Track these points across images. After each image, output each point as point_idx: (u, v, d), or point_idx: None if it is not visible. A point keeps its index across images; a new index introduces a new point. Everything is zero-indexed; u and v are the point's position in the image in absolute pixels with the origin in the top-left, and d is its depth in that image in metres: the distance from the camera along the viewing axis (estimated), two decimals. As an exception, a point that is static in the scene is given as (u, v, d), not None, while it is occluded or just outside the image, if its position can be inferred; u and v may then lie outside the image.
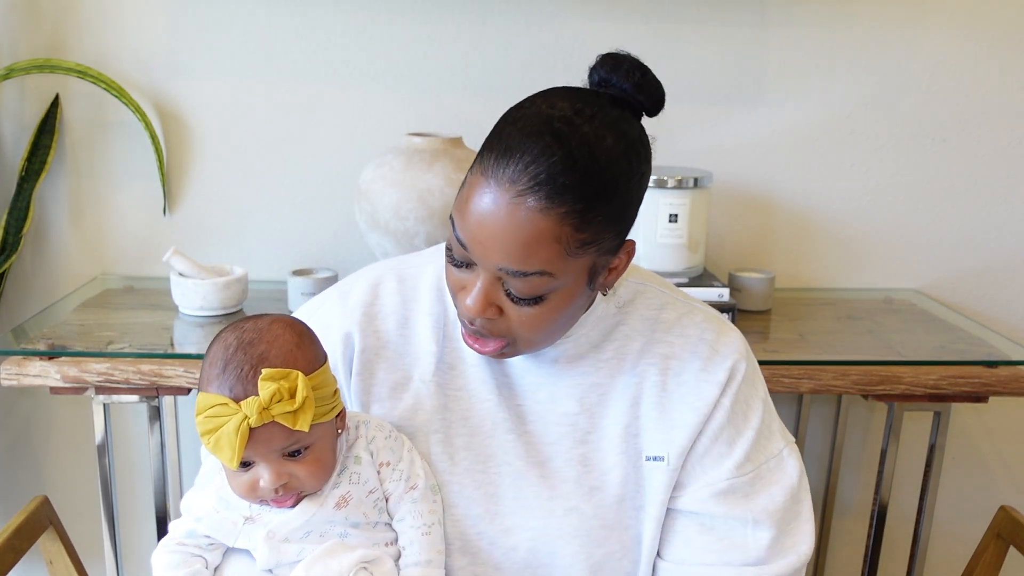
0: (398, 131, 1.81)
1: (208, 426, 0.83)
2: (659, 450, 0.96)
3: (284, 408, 0.83)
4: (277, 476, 0.86)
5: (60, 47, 1.79)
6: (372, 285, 1.03)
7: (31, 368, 1.44)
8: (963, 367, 1.55)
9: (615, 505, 0.96)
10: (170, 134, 1.84)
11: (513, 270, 0.84)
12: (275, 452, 0.86)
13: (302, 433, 0.85)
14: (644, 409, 0.97)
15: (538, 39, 1.82)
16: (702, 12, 1.82)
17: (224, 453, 0.83)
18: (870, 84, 1.87)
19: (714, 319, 1.02)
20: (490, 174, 0.83)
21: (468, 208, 0.84)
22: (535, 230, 0.81)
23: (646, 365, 0.98)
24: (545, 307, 0.87)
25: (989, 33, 1.86)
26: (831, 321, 1.76)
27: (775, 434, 1.00)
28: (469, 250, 0.86)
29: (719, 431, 0.97)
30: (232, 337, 0.88)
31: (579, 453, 0.97)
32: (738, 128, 1.88)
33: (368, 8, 1.79)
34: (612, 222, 0.85)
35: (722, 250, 1.94)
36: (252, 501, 0.89)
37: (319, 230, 1.89)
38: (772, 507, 0.97)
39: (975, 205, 1.95)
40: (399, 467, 0.94)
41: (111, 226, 1.88)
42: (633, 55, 0.90)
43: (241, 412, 0.83)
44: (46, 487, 1.99)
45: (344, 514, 0.90)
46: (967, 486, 2.09)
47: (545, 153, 0.81)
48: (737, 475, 0.97)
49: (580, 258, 0.85)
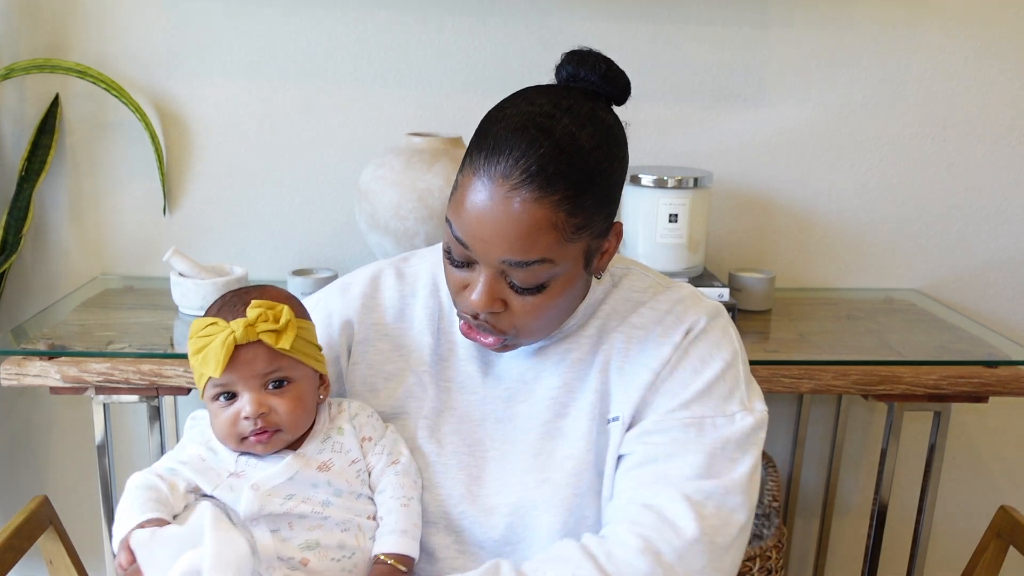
0: (398, 131, 1.81)
1: (199, 344, 0.92)
2: (617, 410, 0.98)
3: (268, 326, 0.92)
4: (258, 404, 0.92)
5: (60, 47, 1.79)
6: (372, 278, 1.09)
7: (31, 368, 1.45)
8: (963, 367, 1.55)
9: (586, 472, 0.97)
10: (170, 134, 1.84)
11: (516, 261, 0.87)
12: (257, 378, 0.93)
13: (285, 361, 0.93)
14: (610, 375, 1.00)
15: (538, 39, 1.82)
16: (702, 12, 1.82)
17: (210, 365, 0.91)
18: (870, 84, 1.87)
19: (691, 296, 1.03)
20: (482, 172, 0.87)
21: (464, 207, 0.88)
22: (532, 220, 0.86)
23: (616, 335, 1.01)
24: (548, 295, 0.91)
25: (989, 33, 1.86)
26: (831, 321, 1.76)
27: (735, 398, 0.97)
28: (470, 248, 0.89)
29: (663, 382, 0.98)
30: (229, 293, 0.99)
31: (555, 426, 1.00)
32: (738, 128, 1.88)
33: (368, 8, 1.79)
34: (601, 204, 0.90)
35: (722, 250, 1.94)
36: (233, 444, 0.94)
37: (319, 230, 1.89)
38: (694, 448, 0.94)
39: (975, 205, 1.95)
40: (381, 442, 0.99)
41: (111, 226, 1.88)
42: (596, 50, 0.95)
43: (229, 328, 0.91)
44: (46, 487, 1.99)
45: (327, 478, 0.94)
46: (967, 486, 2.09)
47: (533, 146, 0.86)
48: (667, 418, 0.95)
49: (576, 242, 0.89)
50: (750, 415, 0.97)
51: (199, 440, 0.98)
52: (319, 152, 1.86)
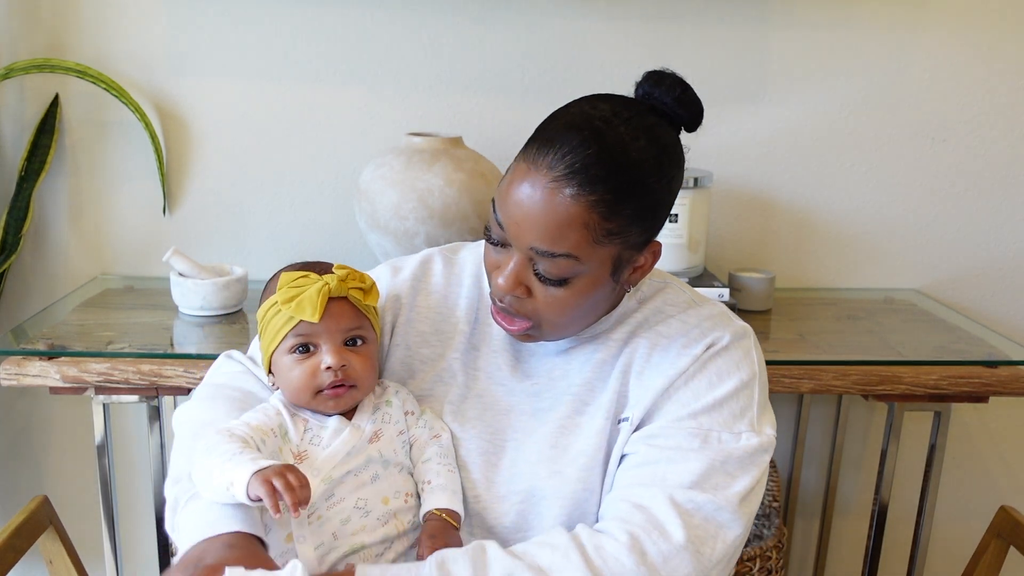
0: (398, 131, 1.81)
1: (291, 293, 0.97)
2: (629, 411, 1.00)
3: (357, 284, 0.99)
4: (339, 356, 0.97)
5: (60, 47, 1.78)
6: (423, 263, 1.13)
7: (31, 368, 1.44)
8: (963, 367, 1.55)
9: (595, 468, 0.99)
10: (170, 134, 1.84)
11: (543, 250, 0.91)
12: (340, 332, 0.98)
13: (365, 320, 1.00)
14: (630, 377, 1.02)
15: (538, 39, 1.82)
16: (702, 12, 1.82)
17: (306, 310, 0.96)
18: (870, 84, 1.87)
19: (721, 315, 1.05)
20: (531, 160, 0.91)
21: (509, 191, 0.93)
22: (566, 214, 0.89)
23: (641, 340, 1.03)
24: (570, 291, 0.94)
25: (988, 33, 1.86)
26: (831, 321, 1.76)
27: (745, 419, 0.97)
28: (505, 230, 0.93)
29: (676, 390, 0.99)
30: (298, 263, 1.05)
31: (574, 422, 1.02)
32: (738, 128, 1.88)
33: (368, 8, 1.79)
34: (639, 218, 0.92)
35: (722, 250, 1.94)
36: (307, 396, 0.98)
37: (319, 230, 1.89)
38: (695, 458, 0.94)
39: (975, 205, 1.95)
40: (423, 418, 1.04)
41: (111, 226, 1.88)
42: (676, 72, 0.98)
43: (323, 280, 0.98)
44: (46, 487, 1.99)
45: (378, 448, 0.99)
46: (967, 486, 2.09)
47: (583, 145, 0.89)
48: (673, 425, 0.96)
49: (605, 247, 0.92)
50: (756, 436, 0.97)
51: (268, 414, 0.99)
52: (319, 152, 1.86)
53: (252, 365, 1.11)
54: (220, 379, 1.10)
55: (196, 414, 1.05)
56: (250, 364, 1.12)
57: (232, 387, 1.08)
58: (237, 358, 1.14)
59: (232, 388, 1.08)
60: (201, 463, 0.90)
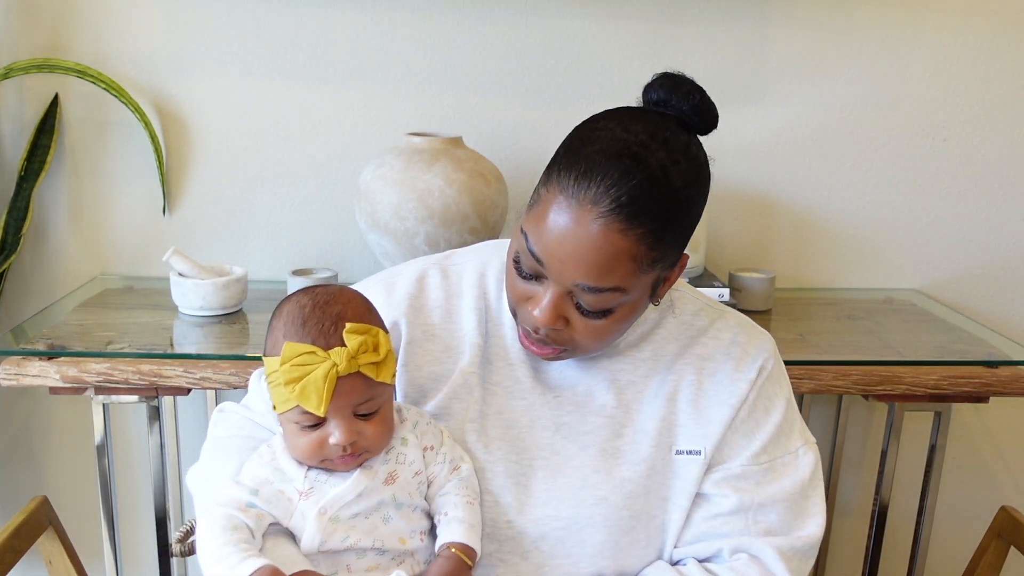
0: (398, 131, 1.81)
1: (295, 374, 0.86)
2: (695, 444, 1.00)
3: (369, 359, 0.88)
4: (349, 433, 0.88)
5: (59, 47, 1.78)
6: (417, 278, 1.07)
7: (30, 368, 1.44)
8: (963, 367, 1.55)
9: (643, 496, 0.99)
10: (170, 134, 1.84)
11: (590, 286, 0.88)
12: (350, 407, 0.89)
13: (377, 389, 0.90)
14: (680, 406, 1.02)
15: (538, 39, 1.82)
16: (702, 12, 1.82)
17: (311, 400, 0.86)
18: (870, 84, 1.87)
19: (745, 323, 1.08)
20: (571, 193, 0.86)
21: (546, 224, 0.88)
22: (615, 250, 0.86)
23: (683, 365, 1.03)
24: (611, 319, 0.92)
25: (988, 33, 1.86)
26: (831, 321, 1.76)
27: (795, 433, 1.04)
28: (546, 266, 0.89)
29: (742, 422, 1.02)
30: (306, 298, 0.92)
31: (613, 445, 1.00)
32: (738, 128, 1.88)
33: (368, 8, 1.79)
34: (679, 241, 0.91)
35: (722, 250, 1.94)
36: (312, 463, 0.91)
37: (319, 230, 1.89)
38: (780, 495, 1.00)
39: (975, 205, 1.95)
40: (442, 451, 0.97)
41: (111, 226, 1.88)
42: (690, 77, 0.94)
43: (330, 360, 0.86)
44: (46, 487, 1.99)
45: (392, 491, 0.92)
46: (967, 486, 2.09)
47: (626, 176, 0.85)
48: (752, 463, 1.01)
49: (649, 274, 0.90)
50: (810, 450, 1.04)
51: (266, 460, 0.94)
52: (319, 152, 1.86)
53: (248, 412, 1.06)
54: (222, 432, 1.05)
55: (206, 472, 1.01)
56: (245, 412, 1.07)
57: (237, 436, 1.03)
58: (230, 410, 1.08)
59: (238, 437, 1.03)
60: (200, 544, 0.89)
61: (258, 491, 0.91)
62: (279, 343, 0.90)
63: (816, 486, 1.03)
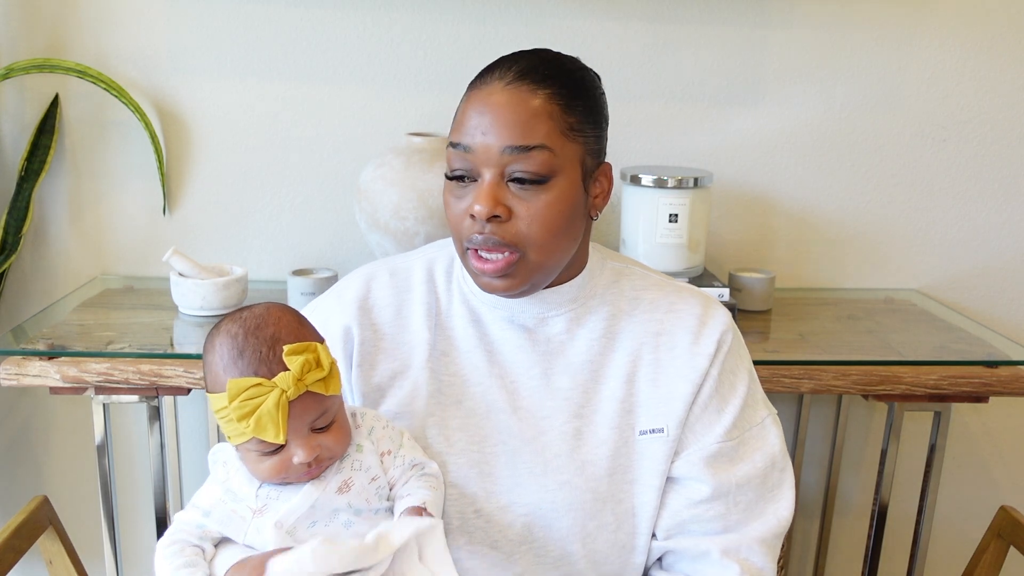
0: (398, 131, 1.81)
1: (245, 409, 0.85)
2: (657, 423, 1.02)
3: (316, 376, 0.87)
4: (311, 450, 0.88)
5: (60, 47, 1.78)
6: (365, 281, 1.08)
7: (31, 368, 1.44)
8: (963, 367, 1.55)
9: (606, 478, 1.00)
10: (170, 134, 1.84)
11: (518, 144, 0.92)
12: (306, 426, 0.88)
13: (330, 402, 0.89)
14: (639, 386, 1.03)
15: (538, 39, 1.82)
16: (702, 12, 1.82)
17: (268, 431, 0.85)
18: (870, 84, 1.87)
19: (700, 296, 1.08)
20: (478, 86, 0.96)
21: (464, 117, 0.95)
22: (529, 107, 0.92)
23: (639, 343, 1.03)
24: (551, 194, 0.94)
25: (988, 33, 1.86)
26: (831, 321, 1.76)
27: (759, 403, 1.06)
28: (471, 149, 0.93)
29: (708, 399, 1.02)
30: (235, 327, 0.90)
31: (573, 427, 1.01)
32: (738, 128, 1.88)
33: (368, 8, 1.79)
34: (590, 117, 0.97)
35: (722, 250, 1.94)
36: (277, 482, 0.91)
37: (319, 230, 1.89)
38: (753, 472, 1.02)
39: (975, 205, 1.95)
40: (400, 453, 0.96)
41: (111, 226, 1.88)
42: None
43: (277, 388, 0.85)
44: (46, 487, 1.99)
45: (347, 500, 0.91)
46: (967, 486, 2.09)
47: (524, 57, 0.97)
48: (725, 440, 1.02)
49: (572, 141, 0.95)
50: (775, 421, 1.06)
51: (220, 479, 0.94)
52: (319, 152, 1.86)
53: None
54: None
55: None
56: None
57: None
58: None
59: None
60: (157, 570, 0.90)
61: (211, 512, 0.92)
62: (220, 379, 0.88)
63: (785, 458, 1.05)
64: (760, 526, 1.02)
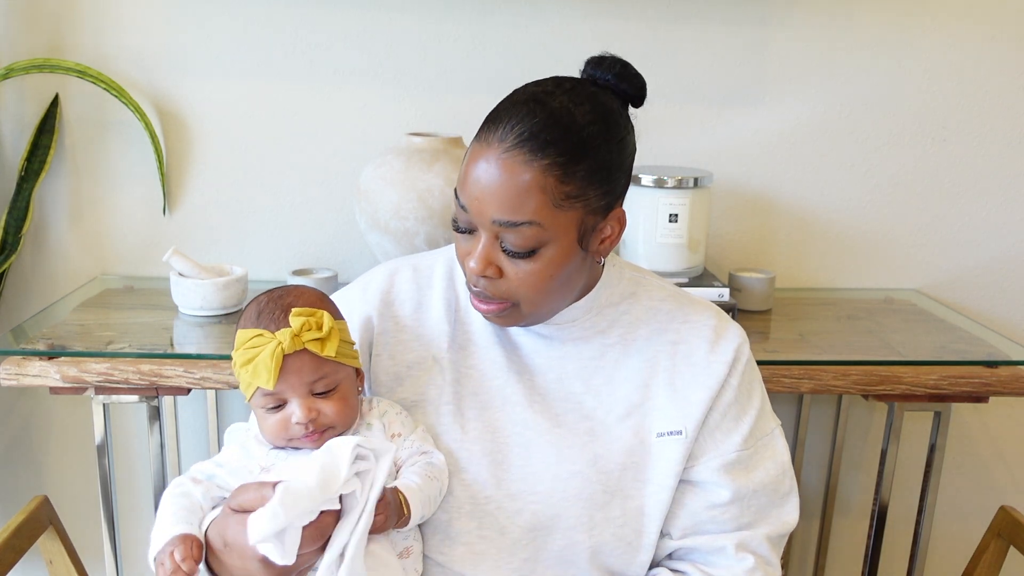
0: (398, 131, 1.81)
1: (246, 356, 0.94)
2: (675, 425, 1.04)
3: (313, 335, 0.95)
4: (307, 410, 0.95)
5: (60, 47, 1.78)
6: (389, 275, 1.13)
7: (31, 368, 1.44)
8: (963, 367, 1.55)
9: (617, 472, 1.02)
10: (170, 134, 1.84)
11: (505, 220, 0.93)
12: (304, 385, 0.95)
13: (329, 367, 0.96)
14: (656, 390, 1.05)
15: (538, 39, 1.82)
16: (703, 12, 1.82)
17: (261, 376, 0.93)
18: (870, 84, 1.87)
19: (712, 309, 1.11)
20: (482, 139, 0.94)
21: (466, 173, 0.95)
22: (521, 181, 0.91)
23: (655, 351, 1.06)
24: (539, 263, 0.95)
25: (989, 33, 1.86)
26: (831, 321, 1.76)
27: (768, 414, 1.10)
28: (469, 210, 0.95)
29: (728, 407, 1.05)
30: (264, 296, 1.01)
31: (587, 426, 1.04)
32: (738, 128, 1.88)
33: (368, 8, 1.79)
34: (594, 179, 0.94)
35: (722, 250, 1.94)
36: (281, 444, 0.97)
37: (319, 230, 1.89)
38: (767, 479, 1.06)
39: (975, 205, 1.95)
40: (411, 438, 1.01)
41: (111, 226, 1.88)
42: (615, 54, 1.02)
43: (275, 339, 0.94)
44: (46, 487, 1.99)
45: None
46: (967, 486, 2.09)
47: (529, 115, 0.93)
48: (742, 448, 1.05)
49: (567, 211, 0.93)
50: (778, 429, 1.10)
51: (240, 441, 1.01)
52: (319, 152, 1.86)
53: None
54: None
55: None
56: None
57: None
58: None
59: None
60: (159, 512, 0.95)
61: (224, 464, 0.98)
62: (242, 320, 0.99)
63: (790, 467, 1.09)
64: (769, 527, 1.06)
